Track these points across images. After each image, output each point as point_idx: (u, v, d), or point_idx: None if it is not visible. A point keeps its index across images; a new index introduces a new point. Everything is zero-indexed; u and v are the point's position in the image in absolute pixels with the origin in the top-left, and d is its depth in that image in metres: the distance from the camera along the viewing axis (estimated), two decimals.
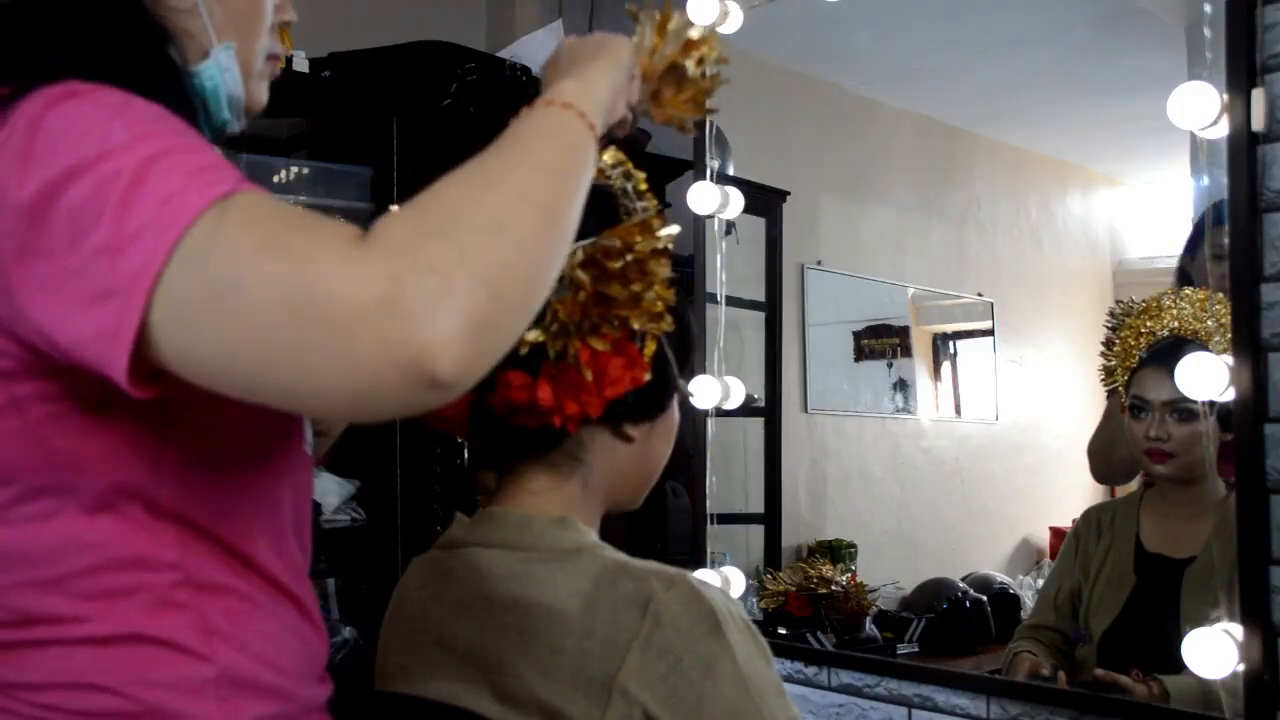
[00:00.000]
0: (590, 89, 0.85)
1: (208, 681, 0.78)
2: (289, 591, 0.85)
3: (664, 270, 0.98)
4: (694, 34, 1.03)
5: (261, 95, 0.96)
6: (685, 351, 1.10)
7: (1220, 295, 1.65)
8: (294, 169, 2.55)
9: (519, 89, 2.85)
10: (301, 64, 2.52)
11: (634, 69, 0.97)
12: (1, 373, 0.73)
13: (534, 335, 0.95)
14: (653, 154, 3.00)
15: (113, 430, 0.75)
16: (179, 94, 0.80)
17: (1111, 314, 1.88)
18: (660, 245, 0.98)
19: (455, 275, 0.63)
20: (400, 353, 0.61)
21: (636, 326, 0.97)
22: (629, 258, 0.95)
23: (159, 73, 0.79)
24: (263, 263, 0.64)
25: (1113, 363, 1.86)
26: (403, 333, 0.61)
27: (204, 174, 0.68)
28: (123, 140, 0.68)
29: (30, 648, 0.76)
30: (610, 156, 1.08)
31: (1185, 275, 1.80)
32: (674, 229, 1.00)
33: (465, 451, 2.45)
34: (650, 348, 1.01)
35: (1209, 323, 1.67)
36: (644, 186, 1.07)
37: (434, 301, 0.62)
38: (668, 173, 2.95)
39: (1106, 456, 1.94)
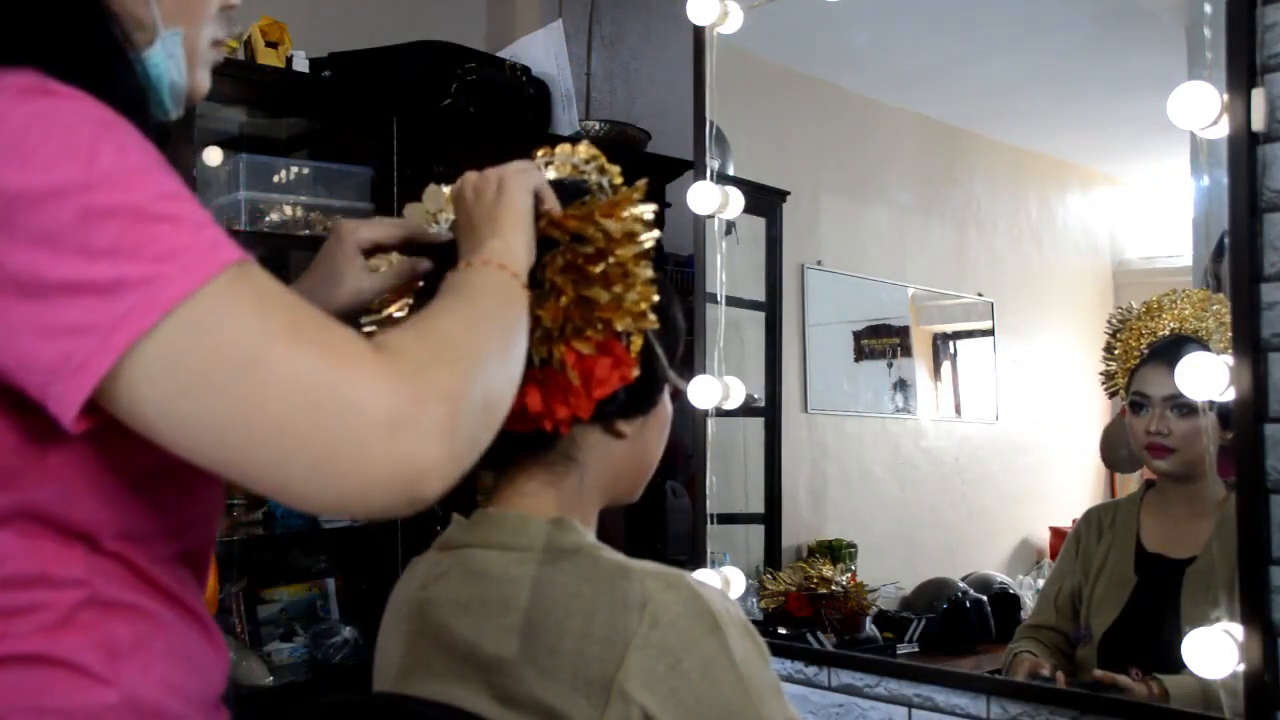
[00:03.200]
0: (512, 249, 0.91)
1: (109, 709, 0.73)
2: (195, 612, 0.82)
3: (645, 271, 0.98)
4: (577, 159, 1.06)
5: (205, 83, 0.91)
6: (674, 344, 1.10)
7: (1219, 295, 1.66)
8: (294, 169, 2.55)
9: (519, 89, 2.85)
10: (301, 64, 2.52)
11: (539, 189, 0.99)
12: None
13: None
14: (653, 154, 3.01)
15: (28, 449, 0.71)
16: (132, 82, 0.77)
17: (1110, 320, 1.88)
18: (643, 248, 0.97)
19: (460, 403, 0.68)
20: (406, 469, 0.65)
21: (620, 328, 0.97)
22: (610, 260, 0.95)
23: (111, 60, 0.76)
24: (289, 349, 0.64)
25: (1113, 366, 1.86)
26: (413, 453, 0.65)
27: (207, 232, 0.67)
28: (114, 171, 0.65)
29: None
30: (585, 151, 1.08)
31: (1216, 279, 1.80)
32: (650, 207, 0.99)
33: None
34: (637, 343, 1.00)
35: (1209, 322, 1.67)
36: (619, 180, 1.06)
37: (442, 428, 0.66)
38: (668, 173, 2.95)
39: (1113, 447, 1.97)
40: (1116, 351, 1.85)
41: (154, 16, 0.83)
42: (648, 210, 0.99)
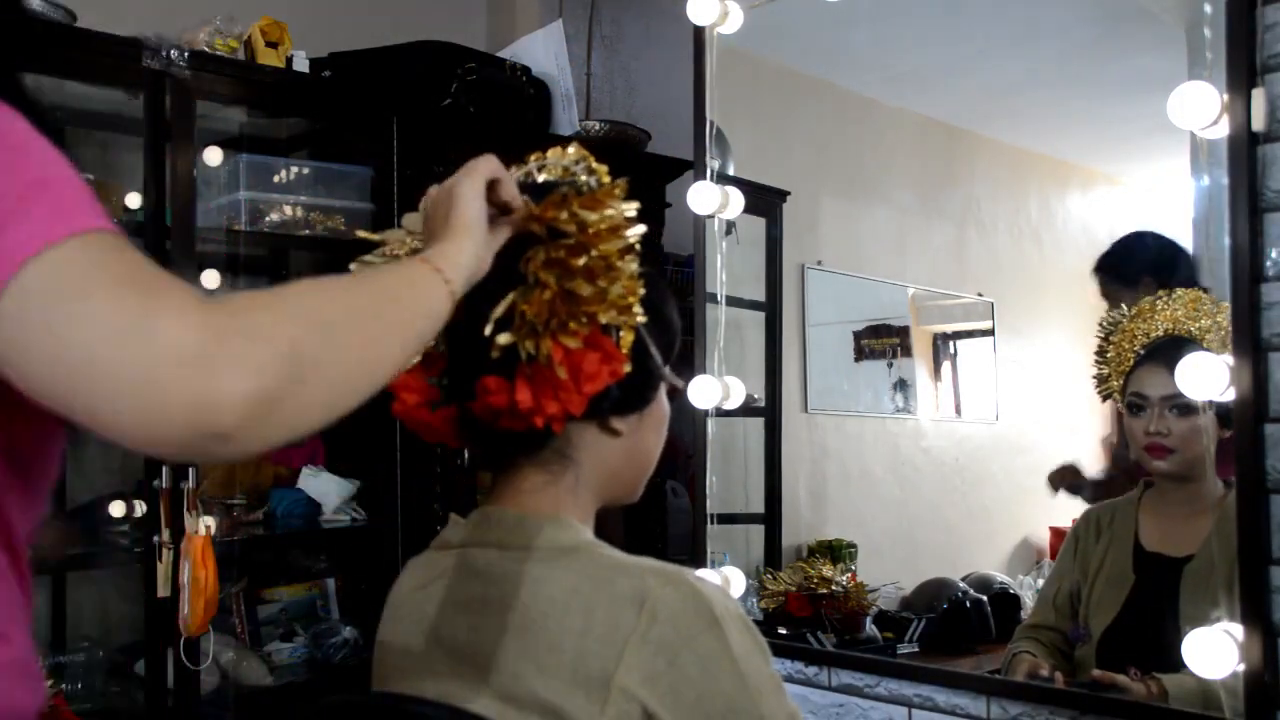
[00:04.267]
0: (458, 259, 0.92)
1: (4, 666, 0.77)
2: (27, 576, 0.85)
3: (630, 266, 0.98)
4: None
5: None
6: (669, 342, 1.10)
7: (1210, 295, 1.67)
8: (294, 169, 2.55)
9: (519, 89, 2.85)
10: (301, 64, 2.51)
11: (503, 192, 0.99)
12: None
13: (505, 338, 0.95)
14: (653, 154, 3.01)
15: None
16: None
17: (1102, 324, 1.88)
18: (627, 243, 0.98)
19: (266, 346, 0.69)
20: (192, 396, 0.66)
21: (605, 321, 0.97)
22: (593, 254, 0.96)
23: None
24: (112, 292, 0.68)
25: (1106, 370, 1.86)
26: (201, 380, 0.66)
27: (64, 202, 0.70)
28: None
29: None
30: (574, 151, 1.08)
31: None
32: (634, 205, 1.00)
33: (466, 452, 2.45)
34: (628, 339, 1.01)
35: (1204, 322, 1.67)
36: (607, 179, 1.07)
37: (244, 367, 0.67)
38: (668, 173, 2.95)
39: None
40: (1109, 355, 1.85)
41: None
42: (630, 207, 1.00)
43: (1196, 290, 1.72)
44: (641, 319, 1.01)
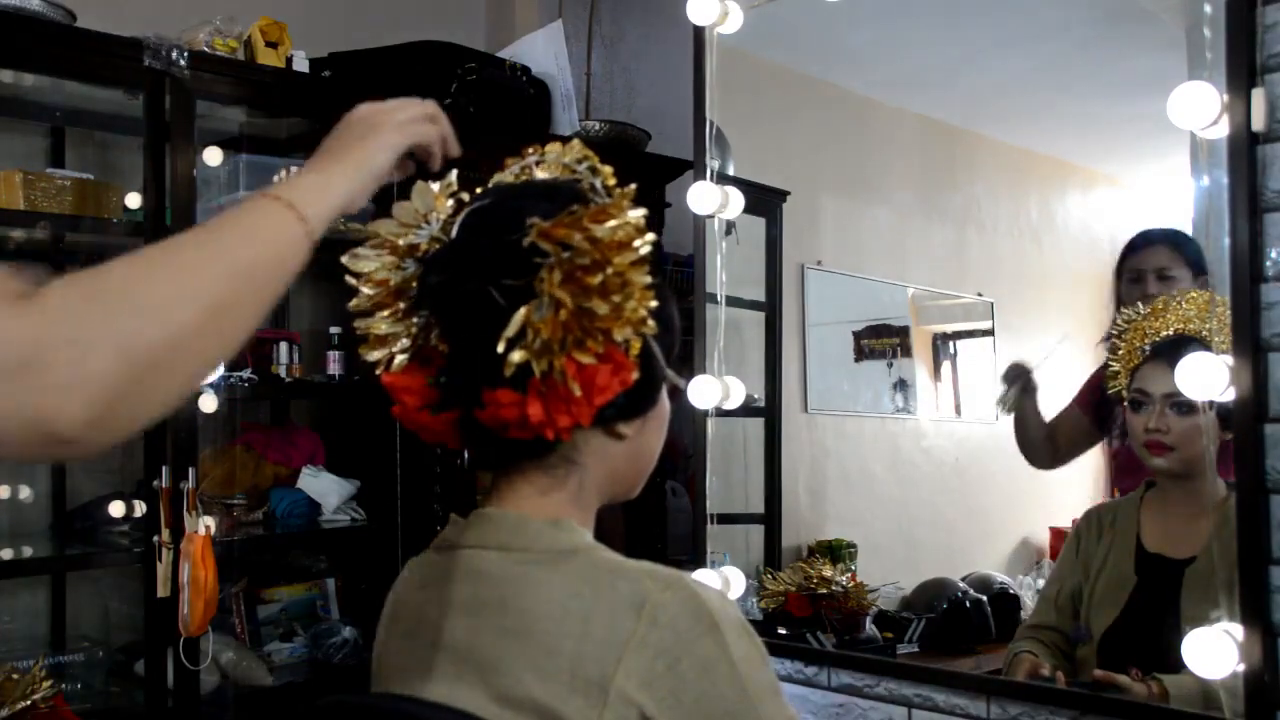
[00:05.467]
0: (325, 192, 0.87)
1: None
2: None
3: (643, 278, 0.97)
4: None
5: None
6: (671, 343, 1.10)
7: (1221, 297, 1.66)
8: (294, 169, 2.54)
9: (519, 89, 2.85)
10: (301, 64, 2.52)
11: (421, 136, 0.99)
12: None
13: (519, 356, 0.94)
14: (652, 154, 3.01)
15: None
16: None
17: (1116, 321, 1.88)
18: (639, 255, 0.96)
19: (96, 348, 0.67)
20: (27, 411, 0.66)
21: (619, 338, 0.97)
22: (609, 271, 0.94)
23: None
24: None
25: (1116, 366, 1.86)
26: (31, 394, 0.65)
27: None
28: None
29: None
30: (577, 151, 1.08)
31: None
32: (642, 212, 0.98)
33: (465, 452, 2.45)
34: (635, 346, 1.00)
35: (1212, 323, 1.67)
36: (612, 181, 1.06)
37: (68, 369, 0.66)
38: (668, 173, 2.95)
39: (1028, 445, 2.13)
40: (1120, 351, 1.86)
41: None
42: (639, 215, 0.98)
43: (1209, 291, 1.72)
44: (653, 331, 1.00)
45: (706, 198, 2.09)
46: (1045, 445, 2.11)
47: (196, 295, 0.74)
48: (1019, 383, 2.13)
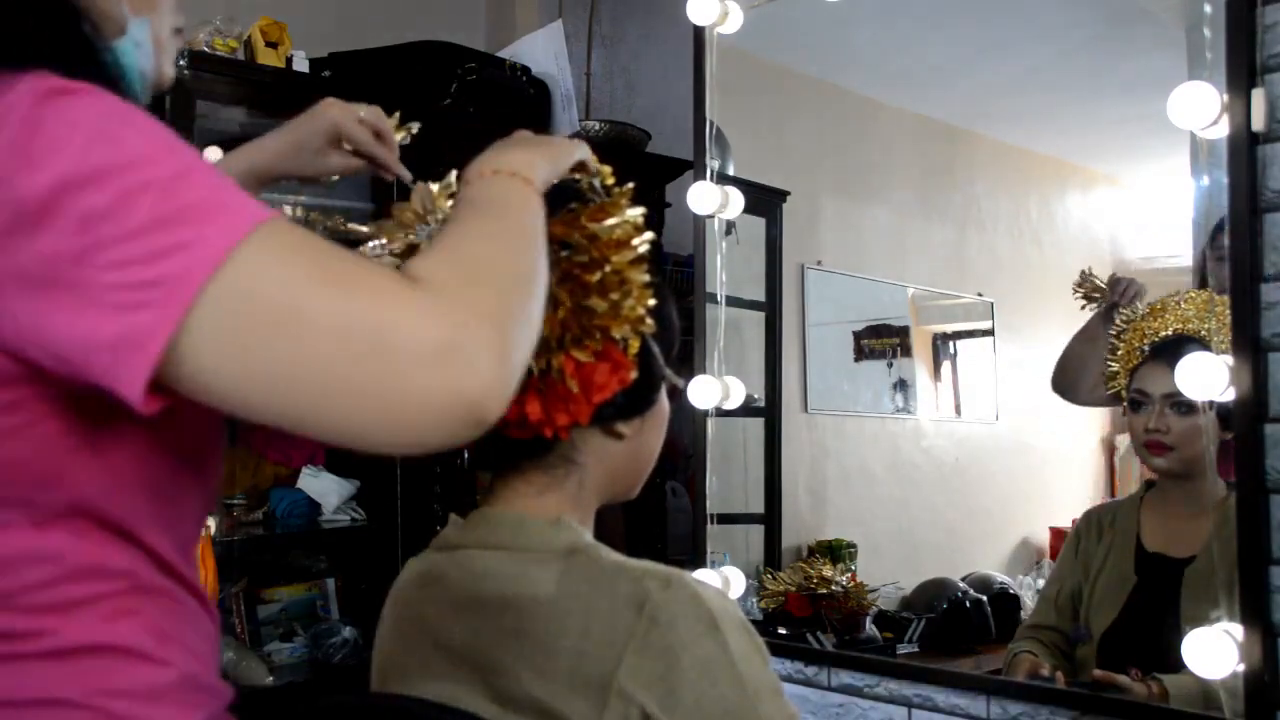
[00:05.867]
0: (529, 160, 0.89)
1: (170, 686, 0.78)
2: (196, 590, 0.85)
3: (642, 276, 0.97)
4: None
5: (170, 71, 0.92)
6: (669, 343, 1.10)
7: (1221, 296, 1.66)
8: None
9: (519, 89, 2.85)
10: (301, 64, 2.52)
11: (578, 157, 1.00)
12: None
13: None
14: (652, 154, 3.01)
15: (82, 447, 0.74)
16: (103, 75, 0.78)
17: (1116, 321, 1.88)
18: (637, 254, 0.96)
19: (503, 324, 0.68)
20: (464, 396, 0.65)
21: (618, 336, 0.97)
22: (607, 269, 0.94)
23: (81, 53, 0.77)
24: (324, 294, 0.65)
25: (1115, 366, 1.86)
26: (465, 378, 0.65)
27: (234, 197, 0.68)
28: (143, 151, 0.67)
29: None
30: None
31: (1203, 276, 1.80)
32: (640, 210, 0.99)
33: (465, 452, 2.45)
34: (634, 345, 1.00)
35: (1212, 323, 1.67)
36: (611, 180, 1.06)
37: (490, 349, 0.66)
38: (668, 173, 2.95)
39: (1073, 369, 2.01)
40: (1120, 352, 1.86)
41: (121, 8, 0.85)
42: (638, 214, 0.99)
43: (1209, 291, 1.72)
44: (651, 329, 1.00)
45: (706, 198, 2.09)
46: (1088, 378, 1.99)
47: (535, 264, 0.78)
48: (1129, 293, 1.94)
